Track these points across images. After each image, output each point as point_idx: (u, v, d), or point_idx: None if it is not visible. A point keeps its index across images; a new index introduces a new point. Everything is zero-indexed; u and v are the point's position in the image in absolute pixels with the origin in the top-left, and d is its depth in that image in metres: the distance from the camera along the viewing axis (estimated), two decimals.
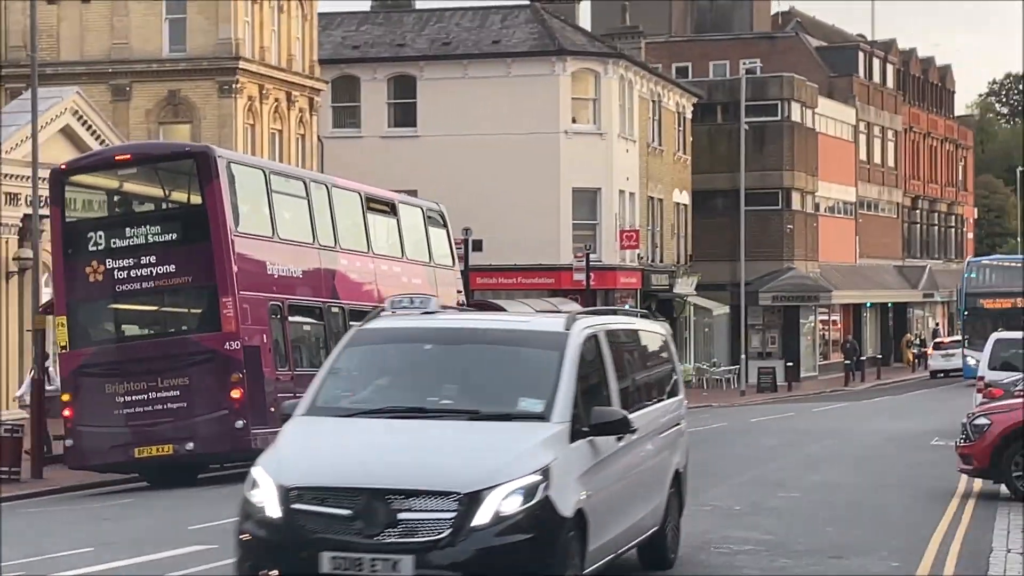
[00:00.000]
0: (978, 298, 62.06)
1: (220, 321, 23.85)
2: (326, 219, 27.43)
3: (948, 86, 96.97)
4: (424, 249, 31.69)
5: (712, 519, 17.79)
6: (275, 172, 27.18)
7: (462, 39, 54.42)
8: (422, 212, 32.28)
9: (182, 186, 25.01)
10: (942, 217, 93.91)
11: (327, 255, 27.28)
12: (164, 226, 24.37)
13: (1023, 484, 19.40)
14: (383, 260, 29.53)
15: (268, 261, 25.25)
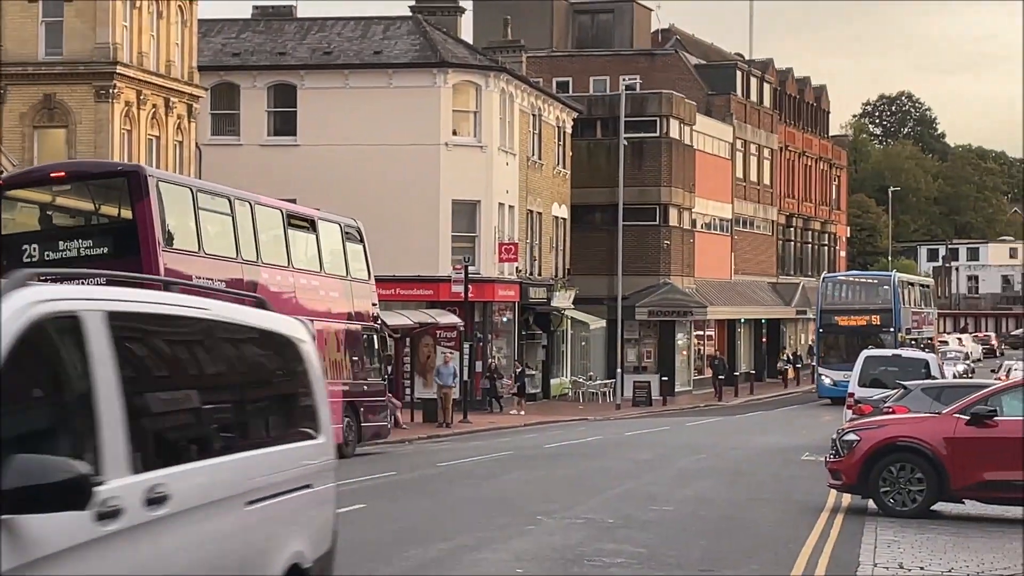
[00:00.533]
0: (833, 315, 62.07)
1: None
2: (249, 235, 28.77)
3: (823, 106, 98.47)
4: (341, 263, 32.89)
5: (585, 532, 17.91)
6: (201, 190, 28.24)
7: (343, 49, 54.28)
8: (340, 228, 33.36)
9: (113, 203, 26.23)
10: (816, 235, 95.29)
11: (249, 268, 28.57)
12: (96, 240, 25.60)
13: (891, 500, 19.73)
14: (302, 274, 30.88)
15: (194, 275, 26.33)
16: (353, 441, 32.59)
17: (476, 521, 18.99)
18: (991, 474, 19.18)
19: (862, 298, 64.14)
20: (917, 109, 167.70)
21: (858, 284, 67.08)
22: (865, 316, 61.88)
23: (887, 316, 61.61)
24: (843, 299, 64.28)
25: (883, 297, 62.89)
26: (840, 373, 58.91)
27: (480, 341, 52.82)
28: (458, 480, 25.50)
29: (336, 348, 32.20)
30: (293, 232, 30.86)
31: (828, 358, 61.97)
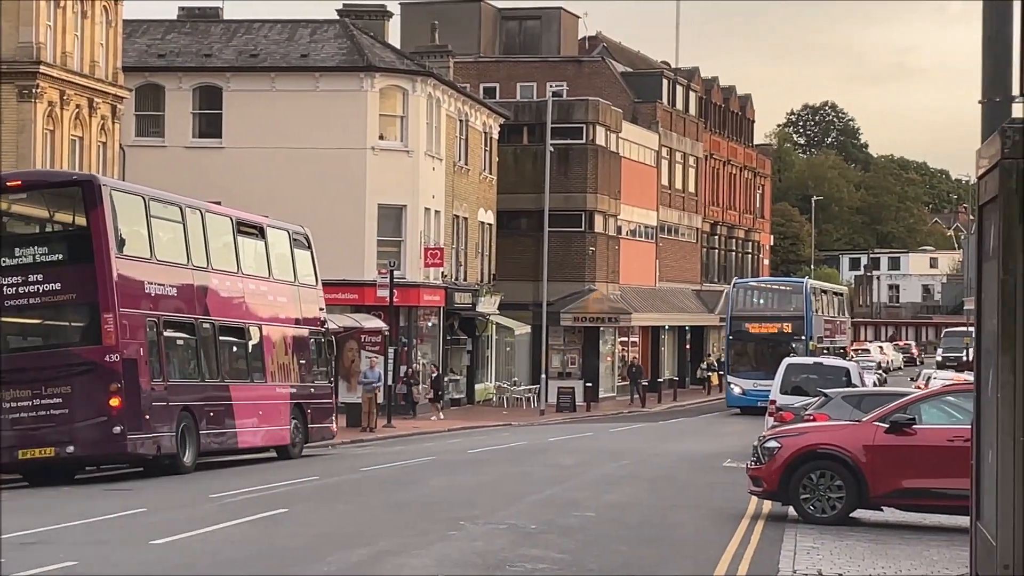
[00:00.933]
0: (743, 322, 60.38)
1: (101, 335, 26.14)
2: (199, 242, 29.78)
3: (748, 115, 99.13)
4: (289, 269, 33.90)
5: (507, 537, 17.93)
6: (153, 199, 28.89)
7: (270, 52, 54.05)
8: (288, 235, 34.38)
9: (68, 211, 27.09)
10: (740, 243, 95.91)
11: (200, 275, 29.66)
12: (51, 247, 26.65)
13: (810, 506, 19.89)
14: (251, 279, 31.91)
15: (146, 280, 27.52)
16: (300, 442, 33.46)
17: (398, 526, 18.96)
18: (909, 482, 19.38)
19: (773, 305, 62.64)
20: (841, 119, 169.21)
21: (769, 291, 65.49)
22: (776, 324, 60.24)
23: (798, 324, 60.11)
24: (754, 306, 62.72)
25: (795, 304, 61.49)
26: (750, 382, 58.21)
27: (405, 346, 52.74)
28: (381, 485, 25.45)
29: (284, 352, 33.09)
30: (242, 239, 31.78)
31: (737, 366, 60.31)
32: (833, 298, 71.39)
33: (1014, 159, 7.89)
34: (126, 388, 26.20)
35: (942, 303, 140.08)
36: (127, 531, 18.38)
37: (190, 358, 29.31)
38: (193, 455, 28.54)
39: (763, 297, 64.07)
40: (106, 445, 26.23)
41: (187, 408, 28.35)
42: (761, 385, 55.58)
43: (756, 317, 60.93)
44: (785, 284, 68.38)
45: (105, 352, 26.13)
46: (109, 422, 26.03)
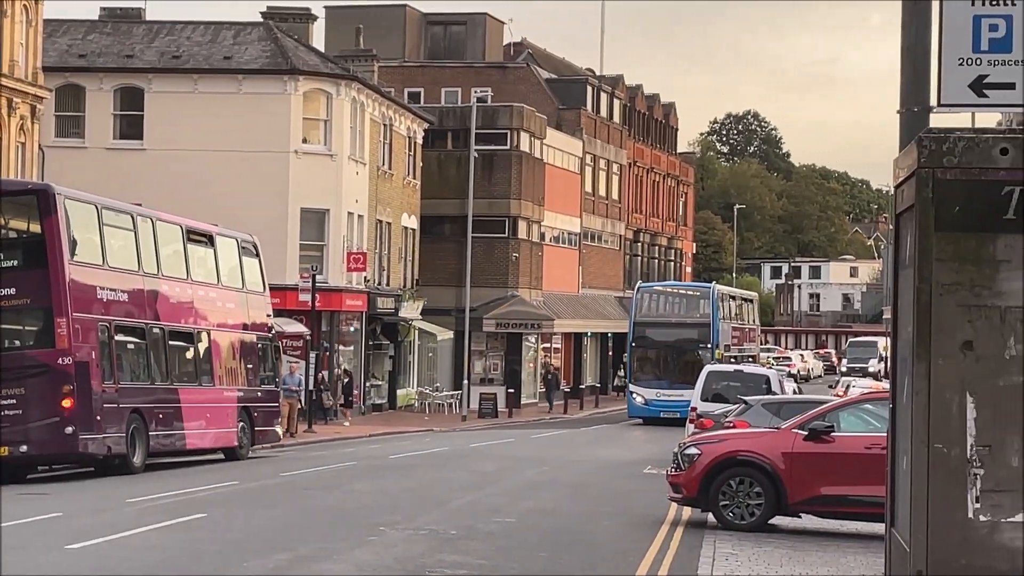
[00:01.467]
0: (646, 328, 57.63)
1: (54, 339, 27.03)
2: (150, 249, 30.76)
3: (672, 123, 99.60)
4: (238, 276, 34.95)
5: (427, 543, 17.89)
6: (106, 207, 29.77)
7: (193, 53, 53.68)
8: (237, 243, 35.43)
9: (24, 218, 27.87)
10: (662, 251, 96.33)
11: (150, 281, 30.60)
12: (6, 253, 27.35)
13: (730, 513, 19.99)
14: (200, 286, 32.91)
15: (98, 286, 28.39)
16: (247, 444, 34.49)
17: (317, 532, 18.87)
18: (828, 489, 19.52)
19: (679, 311, 60.36)
20: (763, 128, 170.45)
21: (675, 296, 63.01)
22: (681, 330, 57.89)
23: (704, 331, 57.59)
24: (659, 311, 60.10)
25: (701, 310, 58.95)
26: (653, 391, 56.17)
27: (327, 351, 52.52)
28: (300, 490, 25.32)
29: (232, 356, 34.14)
30: (192, 247, 32.83)
31: (640, 374, 57.43)
32: (742, 304, 68.72)
33: (930, 168, 7.97)
34: (78, 390, 27.01)
35: (862, 312, 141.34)
36: (42, 536, 18.17)
37: (140, 362, 30.28)
38: (142, 456, 29.31)
39: (668, 302, 61.89)
40: (58, 445, 27.00)
41: (137, 410, 29.17)
42: (665, 395, 55.27)
43: (660, 323, 58.32)
44: (692, 289, 65.31)
45: (58, 355, 26.97)
46: (61, 423, 26.81)
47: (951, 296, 7.86)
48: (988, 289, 7.86)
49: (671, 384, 55.46)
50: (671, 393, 54.58)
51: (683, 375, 54.43)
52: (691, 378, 54.57)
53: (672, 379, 55.82)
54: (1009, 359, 7.83)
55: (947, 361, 7.83)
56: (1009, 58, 11.00)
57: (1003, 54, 11.00)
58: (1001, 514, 7.76)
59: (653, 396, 55.65)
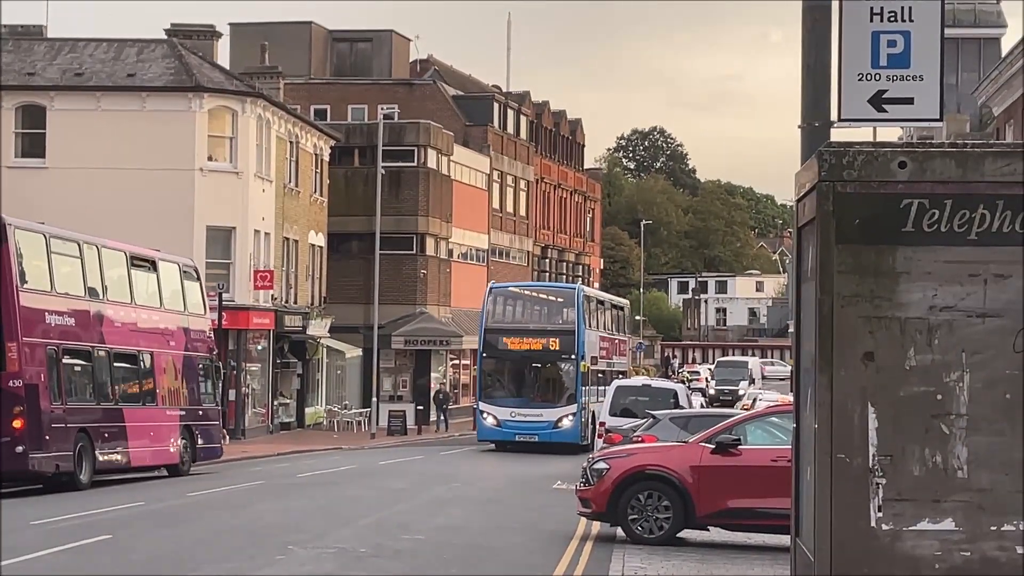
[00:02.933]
0: (499, 335, 49.38)
1: (5, 362, 28.08)
2: (96, 274, 32.01)
3: (578, 139, 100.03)
4: (180, 300, 36.32)
5: (337, 561, 17.80)
6: (54, 236, 30.99)
7: (96, 71, 53.15)
8: (179, 267, 36.97)
9: None
10: (570, 266, 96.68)
11: (96, 305, 31.82)
12: None
13: (639, 527, 20.07)
14: (143, 309, 34.27)
15: (47, 311, 29.59)
16: (189, 461, 35.78)
17: (225, 552, 18.72)
18: (735, 501, 19.65)
19: (538, 316, 51.97)
20: (669, 144, 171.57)
21: (534, 299, 54.35)
22: (541, 339, 49.23)
23: (568, 340, 48.96)
24: (514, 317, 51.82)
25: (564, 317, 50.26)
26: (507, 410, 48.45)
27: (233, 369, 52.15)
28: (207, 510, 25.11)
29: (174, 376, 35.46)
30: (135, 271, 34.15)
31: (492, 391, 49.26)
32: (612, 312, 59.72)
33: (831, 182, 8.07)
34: (28, 411, 28.15)
35: (768, 326, 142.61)
36: None
37: (87, 383, 31.53)
38: (89, 473, 30.48)
39: (526, 306, 53.17)
40: (8, 463, 28.04)
41: (84, 429, 30.34)
42: (521, 415, 48.28)
43: (516, 331, 49.93)
44: (553, 291, 56.85)
45: (9, 378, 28.08)
46: (12, 442, 27.96)
47: (852, 308, 7.96)
48: (888, 300, 7.96)
49: (528, 402, 48.74)
50: (528, 413, 48.22)
51: (542, 392, 49.62)
52: (551, 395, 49.24)
53: (530, 396, 49.09)
54: (909, 369, 7.94)
55: (849, 372, 7.93)
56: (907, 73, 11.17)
57: (901, 69, 11.17)
58: (903, 523, 7.86)
59: (507, 416, 48.11)
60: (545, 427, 47.74)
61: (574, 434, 47.88)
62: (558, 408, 48.34)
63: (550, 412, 48.01)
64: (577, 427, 47.97)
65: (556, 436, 47.77)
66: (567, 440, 47.71)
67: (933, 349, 7.93)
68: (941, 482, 7.87)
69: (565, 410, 48.15)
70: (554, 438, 47.72)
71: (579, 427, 47.97)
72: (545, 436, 47.54)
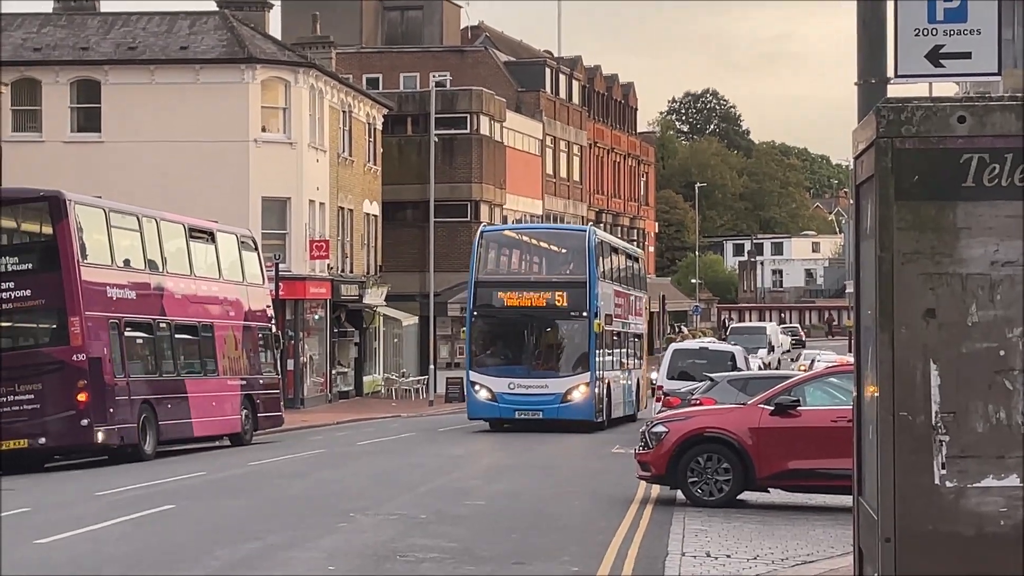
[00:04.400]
0: (493, 290, 40.09)
1: (68, 337, 28.59)
2: (155, 248, 32.40)
3: (631, 103, 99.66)
4: (238, 270, 36.58)
5: (397, 528, 17.89)
6: (113, 210, 31.39)
7: (149, 44, 53.38)
8: (236, 238, 37.23)
9: (36, 223, 29.69)
10: (625, 231, 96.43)
11: (156, 278, 32.33)
12: (21, 257, 29.15)
13: (698, 490, 20.07)
14: (203, 281, 34.56)
15: (108, 285, 29.97)
16: (250, 430, 36.13)
17: (287, 520, 18.85)
18: (795, 463, 19.61)
19: (541, 266, 42.57)
20: (722, 106, 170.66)
21: (535, 245, 43.95)
22: (544, 293, 39.70)
23: (578, 294, 39.41)
24: (511, 267, 42.50)
25: (573, 264, 40.71)
26: (503, 381, 39.08)
27: (291, 339, 52.42)
28: (269, 479, 25.28)
29: (234, 347, 35.77)
30: (194, 244, 34.51)
31: (485, 357, 40.10)
32: (628, 262, 48.81)
33: (889, 138, 7.99)
34: (92, 384, 28.59)
35: (824, 287, 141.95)
36: (11, 531, 18.09)
37: (149, 355, 32.02)
38: (153, 444, 30.96)
39: (526, 254, 43.42)
40: (74, 436, 28.65)
41: (147, 401, 30.87)
42: (521, 386, 39.05)
43: (514, 283, 40.60)
44: (559, 235, 46.85)
45: (72, 352, 28.55)
46: (77, 415, 28.42)
47: (912, 265, 7.90)
48: (949, 257, 7.90)
49: (530, 371, 39.32)
50: (530, 384, 38.98)
51: (547, 358, 40.13)
52: (558, 362, 39.88)
53: (532, 364, 39.57)
54: (971, 326, 7.88)
55: (910, 330, 7.87)
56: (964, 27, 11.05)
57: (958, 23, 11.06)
58: (967, 480, 7.82)
59: (504, 388, 38.89)
60: (551, 401, 38.61)
61: (587, 409, 38.90)
62: (567, 377, 39.05)
63: (557, 382, 38.90)
64: (591, 401, 38.91)
65: (565, 412, 38.73)
66: (578, 417, 38.75)
67: (995, 305, 7.86)
68: (1005, 438, 7.81)
69: (575, 380, 38.88)
70: (562, 415, 38.73)
71: (593, 401, 39.03)
72: (551, 412, 38.64)
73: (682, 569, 14.50)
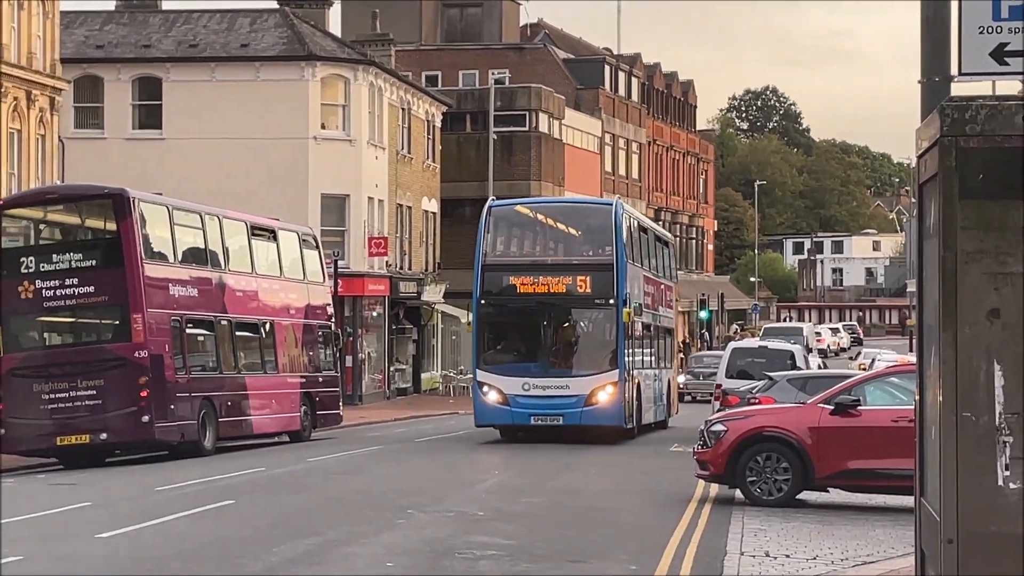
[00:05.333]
0: (504, 275, 34.37)
1: (131, 333, 28.69)
2: (217, 245, 32.49)
3: (690, 101, 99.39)
4: (299, 268, 36.66)
5: (455, 525, 17.91)
6: (176, 208, 31.57)
7: (210, 41, 53.72)
8: (298, 236, 37.31)
9: (100, 221, 29.79)
10: (684, 229, 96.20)
11: (217, 275, 32.42)
12: (85, 254, 29.22)
13: (757, 489, 19.98)
14: (264, 279, 34.62)
15: (170, 282, 30.14)
16: (309, 427, 36.29)
17: (345, 516, 18.91)
18: (855, 463, 19.49)
19: (560, 246, 36.05)
20: (782, 104, 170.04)
21: (551, 221, 36.73)
22: (565, 277, 33.92)
23: (604, 279, 33.57)
24: (525, 249, 36.16)
25: (599, 244, 34.60)
26: (517, 381, 33.25)
27: (350, 336, 52.61)
28: (327, 475, 25.37)
29: (294, 344, 35.84)
30: (256, 241, 34.57)
31: (494, 355, 34.34)
32: (659, 246, 42.07)
33: (953, 136, 7.92)
34: (153, 381, 28.76)
35: (885, 285, 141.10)
36: (74, 525, 18.25)
37: (210, 352, 32.11)
38: (213, 440, 31.16)
39: (542, 233, 36.55)
40: (135, 432, 28.76)
41: (207, 398, 31.03)
42: (538, 387, 33.19)
43: (528, 266, 34.66)
44: (581, 210, 39.70)
45: (134, 348, 28.69)
46: (138, 411, 28.56)
47: (976, 264, 7.83)
48: (1013, 256, 7.82)
49: (548, 369, 33.53)
50: (548, 384, 33.20)
51: (567, 354, 34.09)
52: (581, 359, 33.93)
53: (549, 361, 33.79)
54: None
55: (974, 329, 7.80)
56: None
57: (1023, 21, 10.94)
58: None
59: (517, 390, 33.11)
60: (573, 404, 32.77)
61: (615, 414, 33.19)
62: (591, 376, 33.20)
63: (580, 382, 32.97)
64: (619, 404, 33.17)
65: (589, 417, 33.01)
66: (605, 423, 33.19)
67: None
68: None
69: (601, 379, 33.07)
70: (586, 420, 33.01)
71: (622, 404, 33.31)
72: (573, 418, 32.86)
73: (741, 569, 14.44)
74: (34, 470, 28.63)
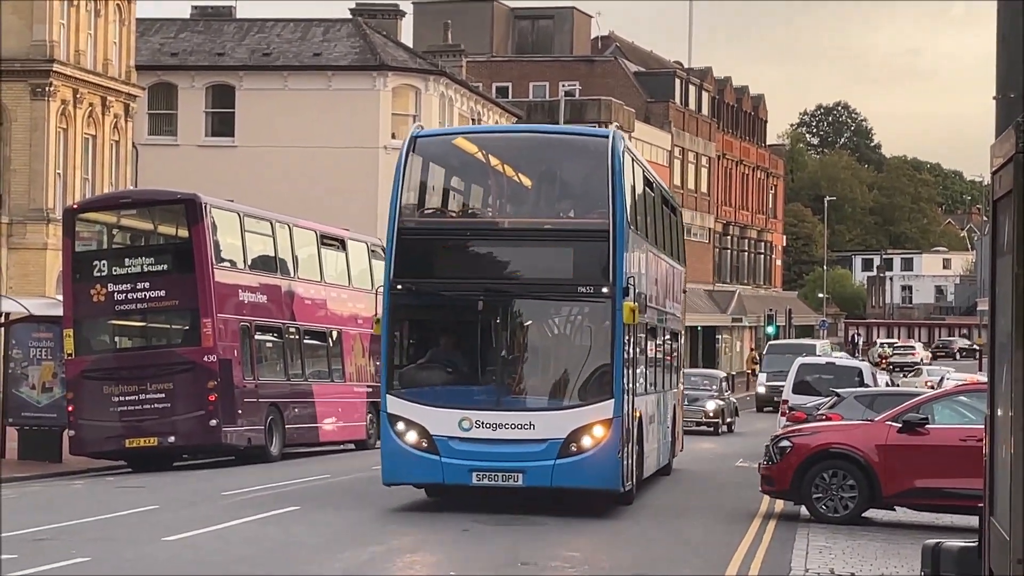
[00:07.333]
0: (432, 245, 21.75)
1: (200, 338, 28.77)
2: (287, 253, 32.69)
3: (761, 115, 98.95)
4: (368, 278, 35.79)
5: (519, 535, 17.88)
6: (247, 215, 31.65)
7: (283, 50, 54.08)
8: (367, 247, 37.07)
9: (173, 226, 29.96)
10: (752, 243, 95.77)
11: (287, 283, 32.53)
12: (157, 258, 29.41)
13: (823, 506, 19.85)
14: (333, 287, 34.70)
15: (240, 288, 30.27)
16: (375, 436, 35.63)
17: (410, 524, 18.94)
18: (922, 481, 19.34)
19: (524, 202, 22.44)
20: (853, 119, 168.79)
21: (513, 158, 22.24)
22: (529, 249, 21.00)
23: (594, 256, 20.34)
24: (468, 204, 23.11)
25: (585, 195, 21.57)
26: (452, 416, 20.09)
27: None
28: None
29: (362, 354, 35.77)
30: (325, 250, 34.70)
31: (414, 372, 20.79)
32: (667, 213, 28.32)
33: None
34: (222, 386, 28.82)
35: (955, 304, 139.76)
36: (140, 528, 18.40)
37: (278, 359, 32.18)
38: (279, 446, 31.26)
39: (495, 180, 22.78)
40: (203, 437, 28.84)
41: (274, 404, 31.11)
42: (486, 425, 19.99)
43: (473, 232, 21.72)
44: (557, 143, 23.00)
45: (204, 353, 28.71)
46: (206, 416, 28.63)
47: None
48: None
49: (500, 399, 20.35)
50: (502, 421, 20.11)
51: (529, 375, 20.80)
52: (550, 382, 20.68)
53: (504, 385, 20.50)
54: None
55: None
56: None
57: None
58: None
59: (451, 429, 20.17)
60: (541, 455, 19.85)
61: (608, 469, 20.09)
62: (571, 410, 20.13)
63: (552, 420, 20.00)
64: (614, 453, 20.07)
65: (565, 475, 19.95)
66: (592, 485, 20.21)
67: None
68: None
69: (587, 414, 20.00)
70: (562, 480, 19.97)
71: (618, 453, 20.12)
72: (540, 476, 19.97)
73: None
74: (103, 472, 28.91)
